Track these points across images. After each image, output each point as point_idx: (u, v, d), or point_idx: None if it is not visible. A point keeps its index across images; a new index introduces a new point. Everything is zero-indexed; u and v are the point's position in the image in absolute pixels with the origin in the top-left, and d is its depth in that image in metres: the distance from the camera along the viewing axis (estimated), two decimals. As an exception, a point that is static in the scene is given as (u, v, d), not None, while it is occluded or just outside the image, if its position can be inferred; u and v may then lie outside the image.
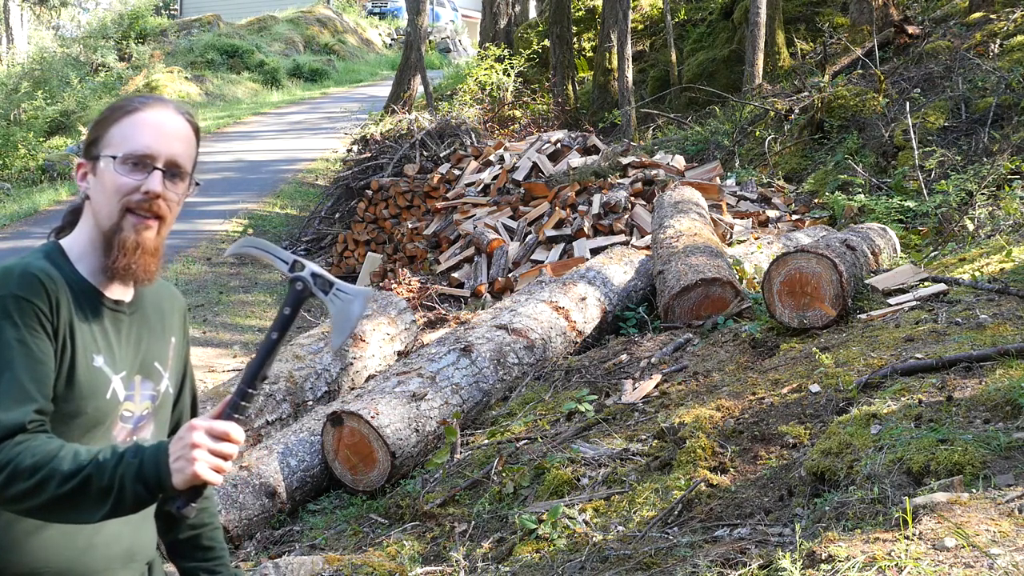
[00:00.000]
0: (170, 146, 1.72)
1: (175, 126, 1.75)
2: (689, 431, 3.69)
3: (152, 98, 1.78)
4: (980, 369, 3.50)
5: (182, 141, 1.75)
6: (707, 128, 12.06)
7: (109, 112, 1.76)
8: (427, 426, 4.60)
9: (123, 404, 1.74)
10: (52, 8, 28.46)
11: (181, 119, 1.76)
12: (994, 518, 2.27)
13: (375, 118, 13.50)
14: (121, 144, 1.70)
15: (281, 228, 12.53)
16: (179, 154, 1.74)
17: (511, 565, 3.17)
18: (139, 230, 1.71)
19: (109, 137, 1.72)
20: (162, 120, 1.74)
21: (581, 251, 8.01)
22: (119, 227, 1.70)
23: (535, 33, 18.58)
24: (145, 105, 1.75)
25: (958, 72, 9.47)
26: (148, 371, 1.79)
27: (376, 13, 34.76)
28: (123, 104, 1.76)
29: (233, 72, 25.22)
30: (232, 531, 4.20)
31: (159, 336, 1.84)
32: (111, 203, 1.70)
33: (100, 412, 1.70)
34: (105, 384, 1.70)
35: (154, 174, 1.70)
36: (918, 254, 6.89)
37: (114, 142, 1.71)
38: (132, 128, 1.71)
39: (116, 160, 1.70)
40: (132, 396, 1.75)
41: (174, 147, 1.73)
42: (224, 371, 7.48)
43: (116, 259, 1.70)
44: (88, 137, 1.77)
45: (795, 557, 2.34)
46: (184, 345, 1.94)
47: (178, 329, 1.91)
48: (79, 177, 1.77)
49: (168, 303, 1.90)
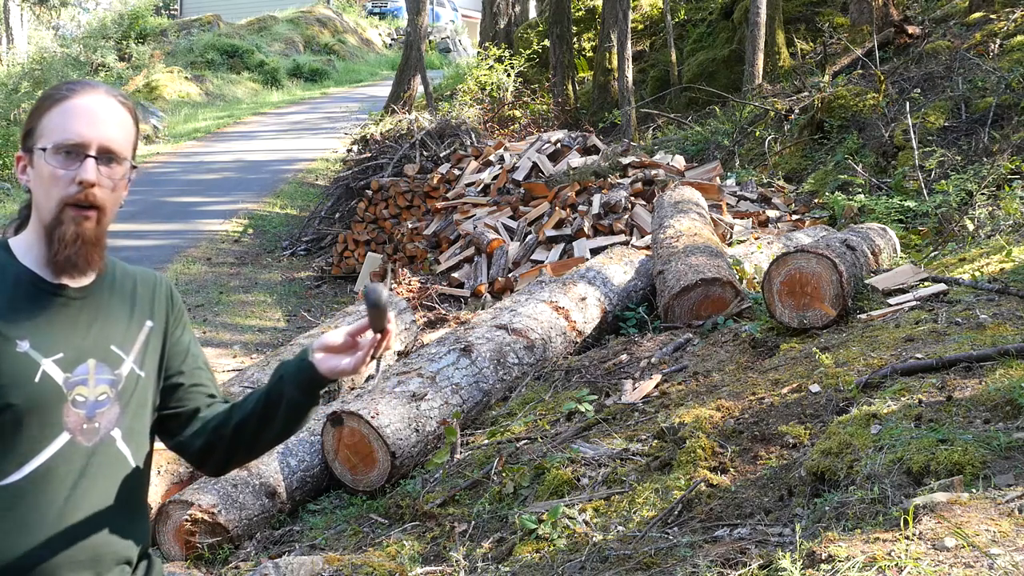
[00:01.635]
0: (102, 132, 1.69)
1: (107, 110, 1.71)
2: (689, 431, 3.69)
3: (82, 83, 1.74)
4: (980, 369, 3.50)
5: (115, 125, 1.71)
6: (707, 128, 12.06)
7: (41, 101, 1.72)
8: (427, 426, 4.60)
9: (74, 389, 1.69)
10: (52, 8, 28.45)
11: (113, 101, 1.73)
12: (994, 518, 2.27)
13: (375, 118, 13.51)
14: (52, 134, 1.67)
15: (281, 228, 12.53)
16: (112, 138, 1.70)
17: (511, 565, 3.17)
18: (78, 222, 1.68)
19: (41, 128, 1.69)
20: (92, 106, 1.70)
21: (581, 251, 8.01)
22: (59, 220, 1.68)
23: (535, 33, 18.58)
24: (74, 92, 1.70)
25: (958, 72, 9.47)
26: (104, 355, 1.74)
27: (376, 13, 34.78)
28: (53, 92, 1.72)
29: (233, 72, 25.24)
30: (232, 531, 4.20)
31: (122, 320, 1.79)
32: (49, 196, 1.68)
33: (32, 399, 1.65)
34: (32, 368, 1.65)
35: (87, 163, 1.67)
36: (918, 254, 6.89)
37: (46, 133, 1.68)
38: (62, 117, 1.68)
39: (47, 151, 1.67)
40: (85, 380, 1.70)
41: (106, 132, 1.69)
42: (224, 371, 7.48)
43: (57, 252, 1.68)
44: (24, 128, 1.74)
45: (795, 557, 2.34)
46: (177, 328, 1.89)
47: (159, 313, 1.86)
48: (19, 170, 1.74)
49: (144, 288, 1.86)
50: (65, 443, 1.69)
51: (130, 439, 1.78)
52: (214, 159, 16.33)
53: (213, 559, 4.12)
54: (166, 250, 11.08)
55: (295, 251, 11.62)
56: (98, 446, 1.72)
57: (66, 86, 1.73)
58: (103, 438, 1.73)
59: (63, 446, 1.68)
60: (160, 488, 4.52)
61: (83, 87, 1.73)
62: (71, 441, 1.69)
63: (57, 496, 1.67)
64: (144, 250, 10.85)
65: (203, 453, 1.90)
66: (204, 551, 4.13)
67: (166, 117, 19.92)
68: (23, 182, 1.73)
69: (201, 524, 4.16)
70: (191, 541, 4.14)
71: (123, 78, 22.60)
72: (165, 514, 4.27)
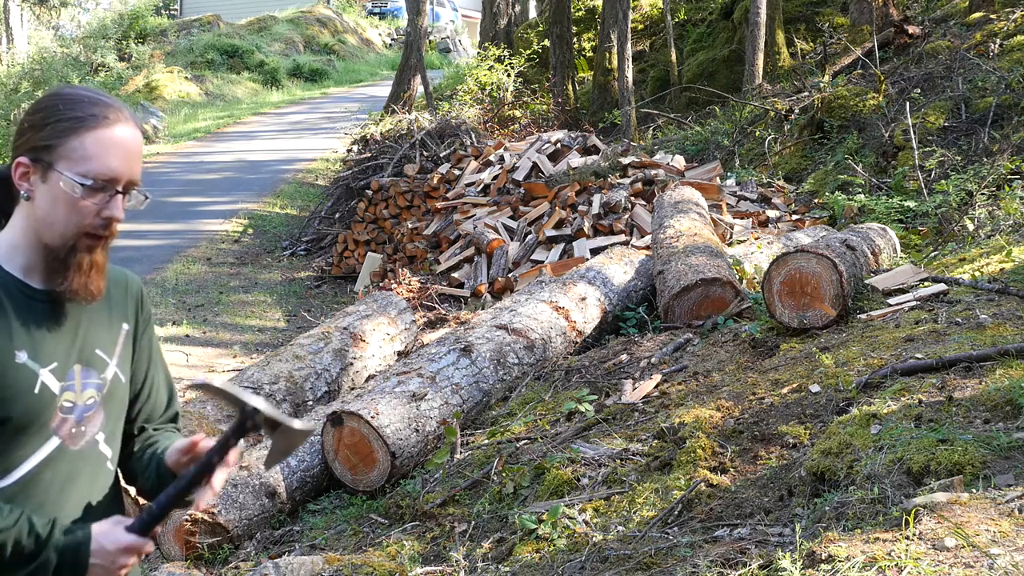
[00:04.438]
0: (132, 167, 1.66)
1: (136, 144, 1.68)
2: (689, 431, 3.69)
3: (111, 107, 1.66)
4: (980, 369, 3.50)
5: (139, 157, 1.69)
6: (707, 128, 12.06)
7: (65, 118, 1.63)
8: (427, 426, 4.60)
9: (62, 396, 1.67)
10: (52, 8, 28.45)
11: (138, 133, 1.69)
12: (994, 518, 2.27)
13: (375, 118, 13.51)
14: (84, 163, 1.62)
15: (281, 228, 12.53)
16: (137, 172, 1.68)
17: (511, 565, 3.17)
18: (92, 250, 1.67)
19: (68, 149, 1.62)
20: (126, 139, 1.65)
21: (581, 251, 8.01)
22: (73, 248, 1.65)
23: (535, 33, 18.59)
24: (107, 121, 1.64)
25: (958, 72, 9.47)
26: (90, 359, 1.73)
27: (376, 13, 34.78)
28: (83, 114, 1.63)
29: (233, 72, 25.24)
30: (232, 531, 4.20)
31: (104, 323, 1.77)
32: (66, 223, 1.63)
33: (31, 410, 1.64)
34: (31, 380, 1.64)
35: (116, 199, 1.65)
36: (918, 254, 6.89)
37: (75, 157, 1.62)
38: (98, 147, 1.62)
39: (74, 176, 1.61)
40: (72, 386, 1.69)
41: (135, 168, 1.67)
42: (224, 371, 7.48)
43: (72, 280, 1.65)
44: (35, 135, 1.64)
45: (795, 557, 2.34)
46: (144, 333, 1.87)
47: (131, 316, 1.84)
48: (18, 176, 1.65)
49: (118, 290, 1.83)
50: (54, 448, 1.69)
51: (111, 442, 1.79)
52: (214, 159, 16.33)
53: (213, 559, 4.12)
54: (166, 250, 11.08)
55: (295, 251, 11.62)
56: (84, 449, 1.73)
57: (97, 110, 1.65)
58: (88, 442, 1.73)
59: (52, 451, 1.68)
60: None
61: (115, 114, 1.66)
62: (60, 446, 1.69)
63: (46, 499, 1.68)
64: (144, 250, 10.85)
65: (129, 479, 1.91)
66: (204, 551, 4.12)
67: (166, 117, 19.92)
68: (23, 190, 1.65)
69: (201, 524, 4.16)
70: (191, 541, 4.14)
71: (123, 78, 22.61)
72: (165, 514, 4.27)
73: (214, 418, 4.97)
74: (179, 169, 15.64)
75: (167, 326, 8.57)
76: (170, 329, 8.51)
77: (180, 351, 7.98)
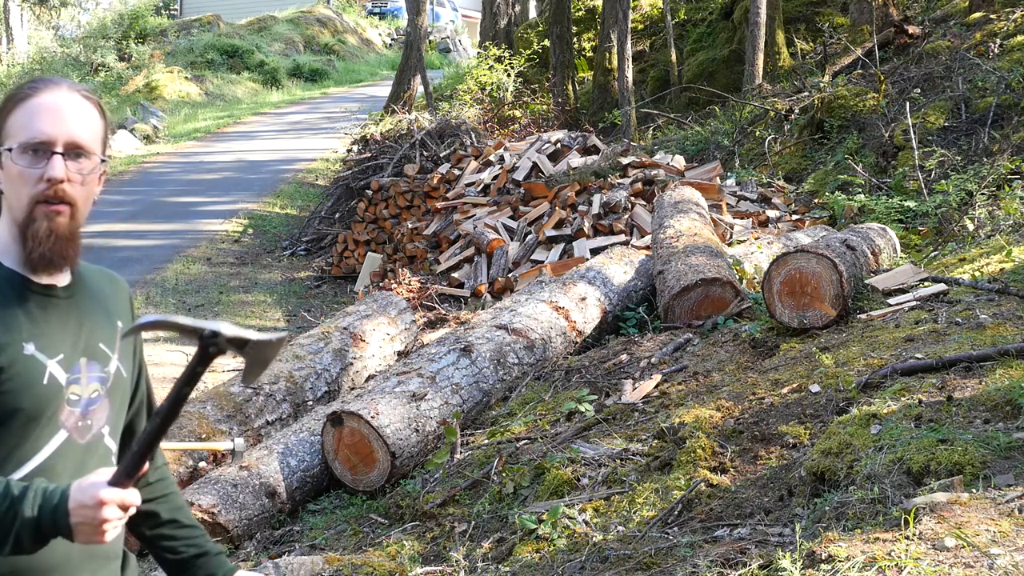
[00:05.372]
0: (67, 128, 1.69)
1: (71, 106, 1.71)
2: (689, 431, 3.69)
3: (44, 80, 1.73)
4: (980, 369, 3.50)
5: (81, 120, 1.71)
6: (707, 128, 12.06)
7: (5, 102, 1.71)
8: (427, 426, 4.60)
9: (68, 388, 1.70)
10: (52, 8, 28.45)
11: (77, 96, 1.72)
12: (994, 518, 2.27)
13: (375, 118, 13.51)
14: (18, 134, 1.67)
15: (281, 228, 12.53)
16: (79, 134, 1.70)
17: (511, 565, 3.17)
18: (51, 218, 1.68)
19: (7, 129, 1.69)
20: (56, 102, 1.69)
21: (581, 251, 8.01)
22: (31, 218, 1.68)
23: (535, 33, 18.59)
24: (37, 90, 1.70)
25: (958, 72, 9.47)
26: (93, 353, 1.75)
27: (376, 13, 34.76)
28: (16, 92, 1.72)
29: (233, 72, 25.23)
30: (232, 531, 4.20)
31: (104, 319, 1.80)
32: (20, 196, 1.68)
33: (39, 400, 1.66)
34: (40, 371, 1.66)
35: (54, 160, 1.67)
36: (918, 254, 6.89)
37: (12, 133, 1.68)
38: (27, 116, 1.68)
39: (14, 151, 1.67)
40: (78, 379, 1.71)
41: (72, 128, 1.69)
42: (224, 371, 7.47)
43: (32, 249, 1.68)
44: None
45: (795, 557, 2.34)
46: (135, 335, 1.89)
47: (124, 314, 1.87)
48: None
49: (110, 287, 1.87)
50: (63, 442, 1.70)
51: (115, 435, 1.81)
52: (214, 159, 16.32)
53: (213, 559, 4.11)
54: (166, 250, 11.08)
55: (295, 251, 11.62)
56: (91, 443, 1.74)
57: (28, 85, 1.72)
58: (95, 435, 1.75)
59: (60, 444, 1.70)
60: (160, 488, 4.51)
61: (45, 84, 1.72)
62: (68, 439, 1.71)
63: None
64: (144, 250, 10.85)
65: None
66: (204, 551, 4.12)
67: (166, 117, 19.92)
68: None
69: (201, 524, 4.15)
70: (191, 541, 4.13)
71: (123, 78, 22.61)
72: (165, 514, 4.27)
73: (214, 418, 4.97)
74: (179, 169, 15.64)
75: (167, 326, 8.56)
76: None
77: (180, 351, 7.98)
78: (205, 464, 4.72)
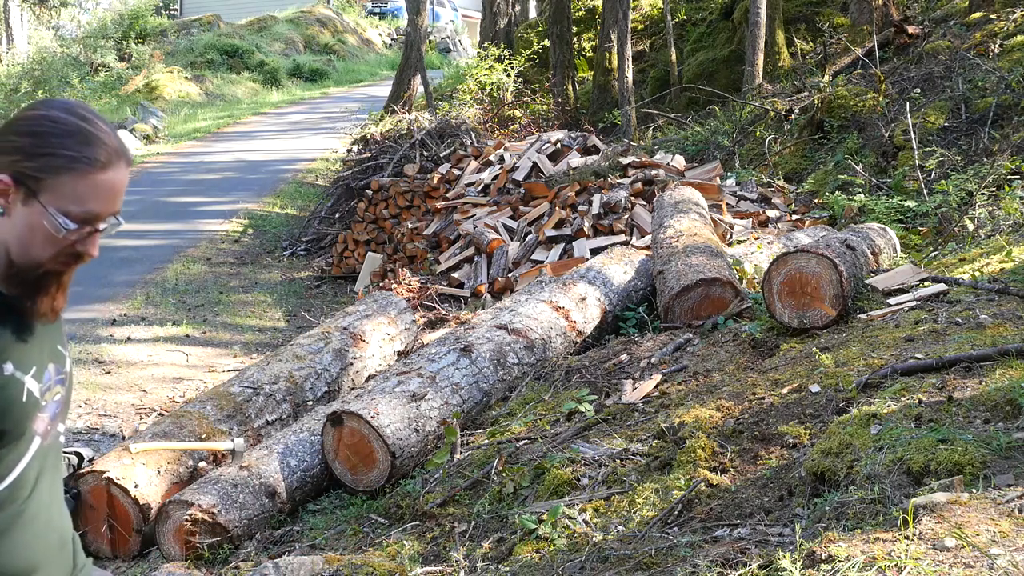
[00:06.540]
0: (116, 204, 1.66)
1: (125, 180, 1.67)
2: (689, 431, 3.69)
3: (108, 146, 1.63)
4: (980, 369, 3.50)
5: (125, 189, 1.69)
6: (707, 128, 12.06)
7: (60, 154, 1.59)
8: (427, 426, 4.60)
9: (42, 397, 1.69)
10: (52, 8, 28.45)
11: (128, 165, 1.68)
12: (994, 518, 2.27)
13: (375, 118, 13.50)
14: (71, 204, 1.60)
15: (281, 228, 12.53)
16: (120, 204, 1.68)
17: (511, 565, 3.17)
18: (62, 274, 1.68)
19: (57, 185, 1.59)
20: (116, 183, 1.64)
21: (581, 251, 8.01)
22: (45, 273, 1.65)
23: (535, 33, 18.59)
24: (102, 165, 1.62)
25: (958, 72, 9.47)
26: (55, 356, 1.74)
27: (376, 13, 34.77)
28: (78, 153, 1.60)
29: (233, 72, 25.24)
30: (232, 531, 4.20)
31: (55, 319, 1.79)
32: (42, 252, 1.62)
33: (20, 419, 1.64)
34: (19, 389, 1.63)
35: (95, 238, 1.65)
36: (918, 254, 6.89)
37: (62, 193, 1.60)
38: (87, 191, 1.61)
39: (57, 212, 1.60)
40: (48, 386, 1.70)
41: (119, 202, 1.67)
42: (224, 371, 7.48)
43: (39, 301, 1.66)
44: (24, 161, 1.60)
45: (795, 557, 2.34)
46: None
47: None
48: None
49: None
50: (36, 448, 1.71)
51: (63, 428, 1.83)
52: (214, 159, 16.33)
53: (213, 559, 4.12)
54: (166, 250, 11.08)
55: (295, 251, 11.62)
56: (52, 441, 1.76)
57: (91, 151, 1.61)
58: (55, 433, 1.76)
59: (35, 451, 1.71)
60: (160, 488, 4.52)
61: (107, 155, 1.63)
62: (39, 445, 1.72)
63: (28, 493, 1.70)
64: (144, 250, 10.85)
65: None
66: (204, 551, 4.12)
67: (166, 117, 19.92)
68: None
69: (201, 524, 4.16)
70: (191, 541, 4.14)
71: (123, 78, 22.62)
72: (165, 514, 4.27)
73: (214, 418, 4.97)
74: (179, 169, 15.64)
75: (167, 326, 8.57)
76: (170, 329, 8.51)
77: (180, 351, 7.98)
78: (205, 464, 4.72)
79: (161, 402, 6.85)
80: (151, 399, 6.91)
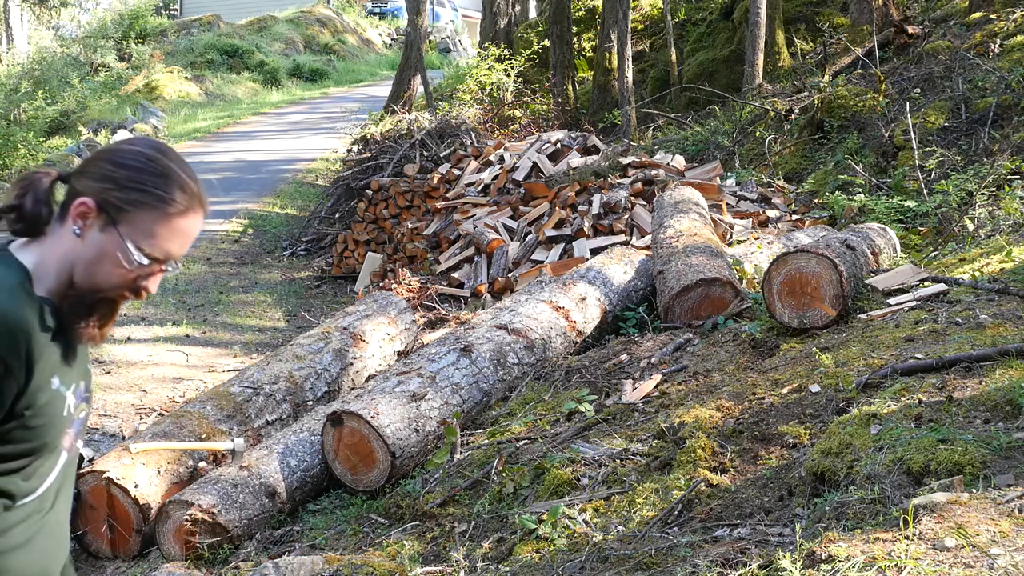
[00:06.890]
0: (185, 249, 1.73)
1: (200, 228, 1.74)
2: (689, 431, 3.69)
3: (197, 196, 1.71)
4: (980, 369, 3.50)
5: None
6: (707, 128, 12.06)
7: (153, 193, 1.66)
8: (427, 426, 4.60)
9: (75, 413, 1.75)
10: (52, 8, 28.46)
11: (204, 215, 1.75)
12: (994, 518, 2.27)
13: (375, 118, 13.50)
14: (149, 240, 1.66)
15: (281, 228, 12.53)
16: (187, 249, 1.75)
17: (511, 565, 3.17)
18: (117, 304, 1.73)
19: (140, 220, 1.65)
20: (194, 227, 1.72)
21: (581, 251, 8.01)
22: (102, 300, 1.70)
23: (535, 33, 18.58)
24: (188, 212, 1.69)
25: (958, 72, 9.46)
26: (84, 373, 1.80)
27: (376, 13, 34.76)
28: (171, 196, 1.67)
29: (233, 72, 25.23)
30: (232, 531, 4.20)
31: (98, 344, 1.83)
32: (107, 280, 1.68)
33: (59, 432, 1.71)
34: (62, 404, 1.69)
35: (157, 277, 1.71)
36: (918, 254, 6.88)
37: (142, 229, 1.66)
38: (166, 230, 1.67)
39: (135, 252, 1.66)
40: (78, 403, 1.76)
41: (187, 249, 1.74)
42: (224, 371, 7.48)
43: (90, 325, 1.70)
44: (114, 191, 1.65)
45: (795, 557, 2.34)
46: None
47: None
48: (76, 211, 1.65)
49: None
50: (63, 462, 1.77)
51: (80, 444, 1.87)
52: (214, 159, 16.32)
53: (213, 559, 4.12)
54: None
55: (295, 251, 11.62)
56: (72, 457, 1.81)
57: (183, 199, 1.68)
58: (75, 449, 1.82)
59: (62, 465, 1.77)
60: (160, 488, 4.52)
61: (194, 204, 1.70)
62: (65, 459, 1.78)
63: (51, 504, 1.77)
64: (144, 250, 10.83)
65: None
66: (204, 551, 4.13)
67: (166, 117, 19.92)
68: (76, 227, 1.65)
69: (201, 524, 4.16)
70: (191, 541, 4.14)
71: (123, 78, 22.61)
72: (165, 514, 4.27)
73: (214, 418, 4.97)
74: (179, 169, 15.61)
75: (167, 326, 8.57)
76: (170, 329, 8.51)
77: (180, 351, 7.98)
78: (205, 464, 4.72)
79: (161, 402, 6.85)
80: (151, 399, 6.91)
